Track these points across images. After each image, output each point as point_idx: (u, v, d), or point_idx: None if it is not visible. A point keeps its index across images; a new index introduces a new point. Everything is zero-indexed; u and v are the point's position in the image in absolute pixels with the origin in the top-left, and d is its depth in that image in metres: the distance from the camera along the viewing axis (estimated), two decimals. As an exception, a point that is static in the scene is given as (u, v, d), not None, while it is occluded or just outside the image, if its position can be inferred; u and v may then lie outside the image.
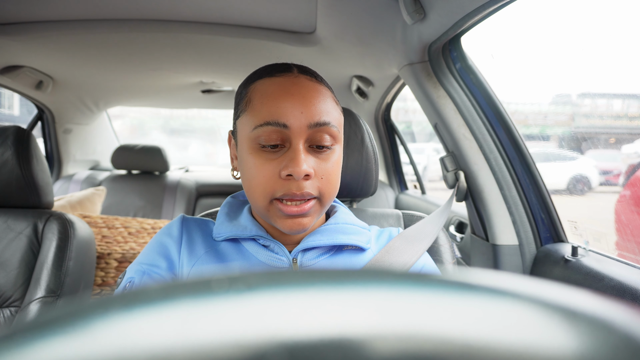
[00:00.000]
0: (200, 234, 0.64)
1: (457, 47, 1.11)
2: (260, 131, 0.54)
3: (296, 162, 0.52)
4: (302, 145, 0.54)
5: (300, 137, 0.54)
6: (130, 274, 0.59)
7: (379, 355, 0.12)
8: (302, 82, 0.56)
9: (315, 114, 0.54)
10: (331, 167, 0.56)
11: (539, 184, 1.11)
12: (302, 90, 0.55)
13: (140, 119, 7.39)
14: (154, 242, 0.64)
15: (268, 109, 0.54)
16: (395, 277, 0.15)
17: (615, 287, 0.82)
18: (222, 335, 0.12)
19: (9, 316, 1.05)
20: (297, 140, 0.54)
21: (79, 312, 0.13)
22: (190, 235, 0.64)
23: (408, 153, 2.17)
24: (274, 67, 0.59)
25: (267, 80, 0.56)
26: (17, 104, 5.30)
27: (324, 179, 0.56)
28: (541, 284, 0.15)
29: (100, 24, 1.26)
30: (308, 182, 0.54)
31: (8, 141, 1.09)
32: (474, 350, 0.12)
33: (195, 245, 0.62)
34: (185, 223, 0.66)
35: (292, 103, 0.54)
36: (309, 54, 1.43)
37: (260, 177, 0.55)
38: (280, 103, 0.54)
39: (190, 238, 0.64)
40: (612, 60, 2.13)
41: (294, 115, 0.53)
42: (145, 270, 0.59)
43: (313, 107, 0.54)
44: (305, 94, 0.55)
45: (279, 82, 0.56)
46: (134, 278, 0.58)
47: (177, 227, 0.65)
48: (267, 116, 0.53)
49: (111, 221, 1.61)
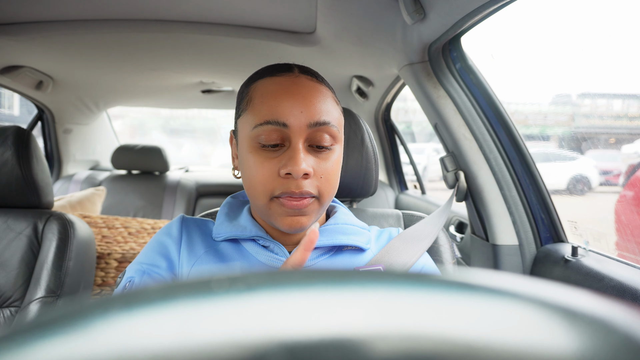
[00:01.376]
0: (200, 234, 0.64)
1: (457, 47, 1.11)
2: (260, 130, 0.54)
3: (295, 161, 0.53)
4: (302, 145, 0.54)
5: (299, 136, 0.54)
6: (130, 273, 0.59)
7: (379, 355, 0.12)
8: (303, 82, 0.56)
9: (315, 113, 0.54)
10: (331, 167, 0.57)
11: (539, 184, 1.11)
12: (302, 90, 0.55)
13: (140, 119, 7.39)
14: (153, 242, 0.64)
15: (268, 108, 0.54)
16: (395, 277, 0.15)
17: (615, 287, 0.82)
18: (223, 336, 0.12)
19: (9, 316, 1.05)
20: (297, 139, 0.54)
21: (79, 312, 0.13)
22: (190, 235, 0.64)
23: (408, 153, 2.17)
24: (275, 67, 0.59)
25: (268, 80, 0.57)
26: (17, 104, 5.30)
27: (323, 178, 0.56)
28: (541, 284, 0.15)
29: (100, 24, 1.26)
30: (307, 181, 0.54)
31: (8, 141, 1.09)
32: (474, 350, 0.12)
33: (194, 245, 0.62)
34: (185, 223, 0.66)
35: (292, 102, 0.54)
36: (309, 54, 1.43)
37: (260, 176, 0.55)
38: (280, 102, 0.54)
39: (190, 238, 0.64)
40: (612, 60, 2.13)
41: (293, 115, 0.53)
42: (146, 270, 0.59)
43: (313, 107, 0.55)
44: (305, 93, 0.55)
45: (280, 82, 0.56)
46: (134, 277, 0.58)
47: (177, 227, 0.65)
48: (267, 115, 0.54)
49: (111, 221, 1.61)
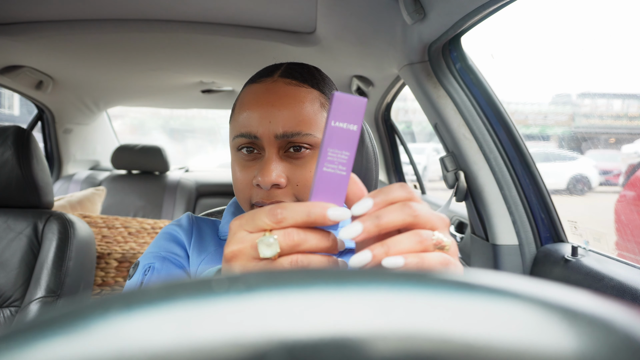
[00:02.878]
0: (209, 231, 0.65)
1: (457, 47, 1.11)
2: (237, 141, 0.54)
3: (263, 172, 0.51)
4: (275, 154, 0.53)
5: (271, 147, 0.53)
6: (146, 261, 0.58)
7: (379, 355, 0.12)
8: (277, 88, 0.54)
9: (283, 124, 0.52)
10: (308, 174, 0.54)
11: (539, 184, 1.11)
12: (272, 98, 0.53)
13: (140, 119, 7.39)
14: (165, 233, 0.64)
15: (242, 119, 0.54)
16: (395, 277, 0.15)
17: (615, 287, 0.82)
18: (223, 336, 0.12)
19: (9, 316, 1.05)
20: (269, 149, 0.53)
21: (79, 312, 0.13)
22: (200, 231, 0.65)
23: (408, 153, 2.17)
24: (260, 72, 0.58)
25: (248, 88, 0.57)
26: (17, 104, 5.30)
27: (299, 186, 0.53)
28: (541, 284, 0.15)
29: (100, 24, 1.26)
30: (280, 190, 0.53)
31: (8, 141, 1.09)
32: (474, 350, 0.12)
33: (204, 241, 0.63)
34: (195, 219, 0.67)
35: (260, 113, 0.52)
36: (309, 54, 1.43)
37: (239, 183, 0.55)
38: (251, 114, 0.53)
39: (200, 233, 0.64)
40: (612, 60, 2.13)
41: (262, 125, 0.52)
42: (165, 256, 0.59)
43: (281, 117, 0.52)
44: (275, 101, 0.53)
45: (255, 90, 0.55)
46: (153, 263, 0.57)
47: (187, 221, 0.66)
48: (241, 127, 0.54)
49: (111, 221, 1.61)
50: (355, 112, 0.33)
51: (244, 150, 0.55)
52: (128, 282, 0.59)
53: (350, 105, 0.33)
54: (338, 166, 0.33)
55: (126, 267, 1.50)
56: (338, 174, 0.33)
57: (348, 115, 0.33)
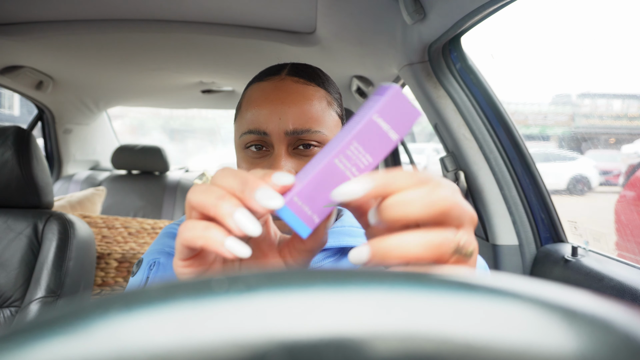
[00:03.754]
0: None
1: (457, 47, 1.11)
2: (245, 138, 0.54)
3: (275, 167, 0.51)
4: (285, 150, 0.53)
5: (281, 144, 0.53)
6: (150, 257, 0.58)
7: (379, 355, 0.12)
8: (286, 86, 0.54)
9: (292, 121, 0.52)
10: None
11: (539, 184, 1.11)
12: (282, 95, 0.53)
13: (140, 119, 7.39)
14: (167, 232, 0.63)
15: (250, 116, 0.54)
16: (395, 277, 0.15)
17: (615, 287, 0.82)
18: (223, 336, 0.12)
19: (9, 316, 1.05)
20: (278, 146, 0.53)
21: (79, 312, 0.13)
22: None
23: (408, 153, 2.17)
24: (265, 71, 0.58)
25: (255, 86, 0.56)
26: (17, 104, 5.30)
27: None
28: (541, 284, 0.15)
29: (100, 24, 1.26)
30: None
31: (8, 141, 1.09)
32: (474, 350, 0.12)
33: None
34: None
35: (270, 109, 0.52)
36: (309, 54, 1.43)
37: None
38: (260, 110, 0.53)
39: None
40: (612, 60, 2.14)
41: (272, 122, 0.52)
42: (170, 252, 0.58)
43: (291, 113, 0.52)
44: (285, 98, 0.53)
45: (263, 87, 0.55)
46: (158, 258, 0.57)
47: None
48: (250, 124, 0.53)
49: (111, 221, 1.61)
50: (404, 119, 0.27)
51: (252, 148, 0.54)
52: (132, 279, 0.59)
53: (403, 109, 0.27)
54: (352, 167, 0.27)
55: (126, 267, 1.50)
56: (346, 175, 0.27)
57: (395, 119, 0.27)
